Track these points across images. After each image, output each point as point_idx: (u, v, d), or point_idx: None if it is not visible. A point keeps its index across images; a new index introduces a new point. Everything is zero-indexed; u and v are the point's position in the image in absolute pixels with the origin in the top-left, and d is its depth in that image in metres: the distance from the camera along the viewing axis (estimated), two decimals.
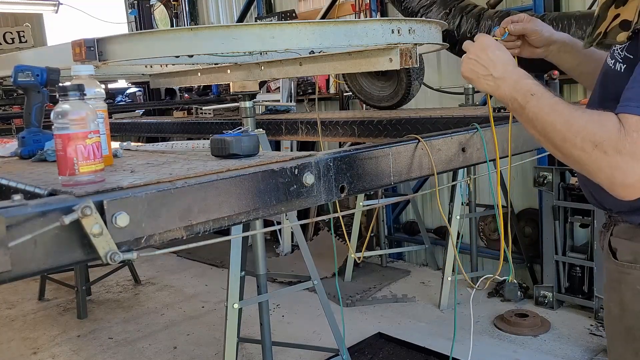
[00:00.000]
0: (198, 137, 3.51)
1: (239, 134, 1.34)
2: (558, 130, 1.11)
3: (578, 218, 3.71)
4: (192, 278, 5.08)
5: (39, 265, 0.86)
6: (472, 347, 3.41)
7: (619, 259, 1.30)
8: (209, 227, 1.07)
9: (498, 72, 1.25)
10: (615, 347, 1.37)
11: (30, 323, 4.27)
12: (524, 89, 1.19)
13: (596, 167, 1.06)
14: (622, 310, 1.31)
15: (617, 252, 1.31)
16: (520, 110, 1.19)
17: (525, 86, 1.20)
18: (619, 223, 1.31)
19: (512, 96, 1.21)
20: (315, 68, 1.95)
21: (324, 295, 2.98)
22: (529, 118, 1.17)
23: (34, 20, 8.11)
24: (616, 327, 1.34)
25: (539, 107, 1.15)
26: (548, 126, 1.13)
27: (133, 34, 1.45)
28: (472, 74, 1.29)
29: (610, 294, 1.35)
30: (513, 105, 1.21)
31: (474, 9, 3.80)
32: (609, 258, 1.33)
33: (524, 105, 1.18)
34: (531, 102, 1.17)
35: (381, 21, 1.50)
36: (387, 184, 1.44)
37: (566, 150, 1.10)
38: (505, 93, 1.23)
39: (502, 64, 1.27)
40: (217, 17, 6.99)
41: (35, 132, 1.70)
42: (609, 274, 1.35)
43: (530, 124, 1.18)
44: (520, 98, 1.19)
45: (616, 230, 1.31)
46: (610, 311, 1.36)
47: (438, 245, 4.87)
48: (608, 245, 1.34)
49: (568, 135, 1.09)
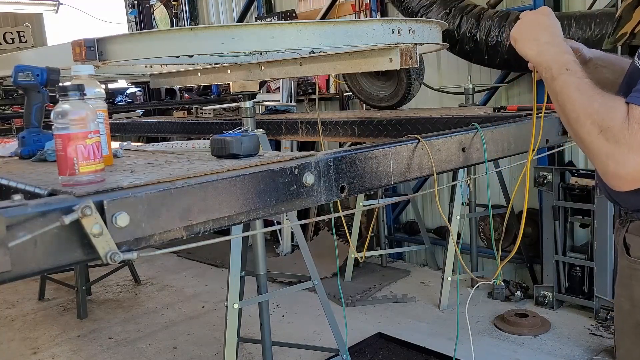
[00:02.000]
0: (198, 137, 3.51)
1: (239, 134, 1.34)
2: (575, 110, 1.15)
3: (578, 218, 3.71)
4: (192, 278, 5.08)
5: (39, 265, 0.86)
6: (473, 347, 3.41)
7: (631, 255, 1.32)
8: (209, 227, 1.06)
9: (546, 38, 1.28)
10: (624, 342, 1.38)
11: (30, 323, 4.27)
12: (562, 61, 1.22)
13: (596, 152, 1.10)
14: (632, 305, 1.33)
15: (630, 248, 1.33)
16: (551, 80, 1.22)
17: (564, 59, 1.23)
18: (634, 220, 1.33)
19: (549, 65, 1.23)
20: (315, 68, 1.95)
21: (324, 295, 2.98)
22: (555, 91, 1.21)
23: (34, 20, 8.11)
24: (626, 322, 1.36)
25: (568, 82, 1.18)
26: (568, 103, 1.17)
27: (133, 34, 1.45)
28: (521, 34, 1.31)
29: (621, 290, 1.37)
30: (546, 73, 1.24)
31: (474, 9, 3.80)
32: (623, 254, 1.35)
33: (556, 76, 1.21)
34: (563, 75, 1.20)
35: (381, 21, 1.50)
36: (387, 184, 1.44)
37: (576, 130, 1.14)
38: (544, 60, 1.25)
39: (554, 33, 1.29)
40: (217, 17, 6.99)
41: (35, 132, 1.70)
42: (622, 270, 1.37)
43: (555, 96, 1.22)
44: (555, 69, 1.22)
45: (631, 228, 1.33)
46: (620, 306, 1.38)
47: (438, 245, 4.87)
48: (623, 241, 1.36)
49: (581, 116, 1.12)
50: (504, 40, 3.60)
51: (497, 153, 1.76)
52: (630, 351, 1.35)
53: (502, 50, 3.62)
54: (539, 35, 1.28)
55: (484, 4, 3.93)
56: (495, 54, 3.67)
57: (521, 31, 1.32)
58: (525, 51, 1.30)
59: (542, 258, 3.84)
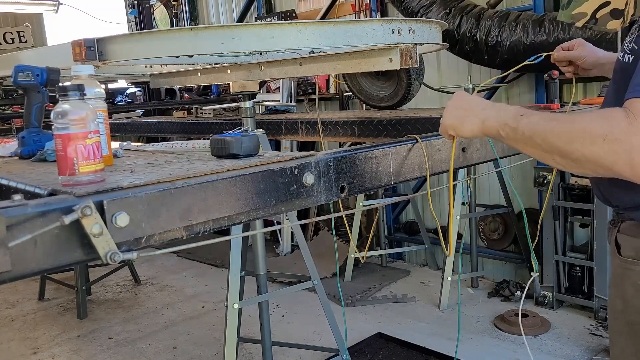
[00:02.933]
0: (198, 137, 3.51)
1: (239, 134, 1.34)
2: (561, 135, 1.06)
3: (578, 218, 3.71)
4: (192, 278, 5.09)
5: (39, 265, 0.86)
6: (472, 347, 3.41)
7: (622, 254, 1.33)
8: (209, 227, 1.07)
9: (479, 108, 1.23)
10: (618, 341, 1.39)
11: (30, 323, 4.27)
12: (511, 113, 1.17)
13: (612, 156, 1.01)
14: (624, 305, 1.33)
15: (621, 248, 1.33)
16: (514, 133, 1.15)
17: (511, 111, 1.18)
18: (625, 220, 1.33)
19: (502, 122, 1.17)
20: (315, 68, 1.95)
21: (324, 295, 2.98)
22: (525, 136, 1.13)
23: (34, 20, 8.11)
24: (619, 322, 1.36)
25: (533, 122, 1.12)
26: (549, 134, 1.08)
27: (133, 34, 1.45)
28: (456, 120, 1.26)
29: (614, 289, 1.38)
30: (505, 130, 1.17)
31: (474, 9, 3.80)
32: (615, 254, 1.35)
33: (516, 126, 1.14)
34: (522, 120, 1.13)
35: (381, 21, 1.50)
36: (387, 184, 1.44)
37: (576, 152, 1.05)
38: (493, 123, 1.20)
39: (482, 103, 1.26)
40: (217, 17, 6.99)
41: (35, 132, 1.70)
42: (614, 270, 1.37)
43: (529, 142, 1.13)
44: (510, 121, 1.15)
45: (623, 227, 1.33)
46: (614, 306, 1.38)
47: (438, 245, 4.87)
48: (615, 241, 1.36)
49: (574, 135, 1.04)
50: (504, 40, 3.60)
51: (497, 153, 1.76)
52: (624, 350, 1.36)
53: (502, 50, 3.62)
54: (472, 111, 1.24)
55: (484, 4, 3.93)
56: (495, 53, 3.67)
57: (453, 117, 1.27)
58: (470, 130, 1.24)
59: (542, 258, 3.84)
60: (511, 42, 3.56)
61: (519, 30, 3.51)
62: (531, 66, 1.40)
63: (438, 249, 4.88)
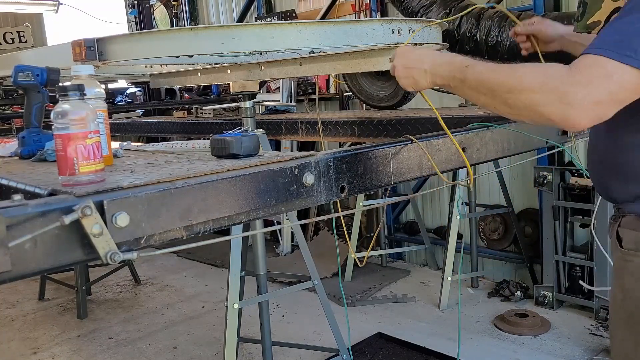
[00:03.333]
0: (198, 137, 3.51)
1: (239, 134, 1.34)
2: (503, 83, 1.14)
3: (578, 218, 3.71)
4: (192, 278, 5.08)
5: (39, 265, 0.86)
6: (472, 347, 3.41)
7: (624, 246, 1.35)
8: (209, 227, 1.07)
9: (428, 64, 1.30)
10: (617, 333, 1.40)
11: (30, 323, 4.27)
12: (457, 64, 1.24)
13: (545, 104, 1.07)
14: (624, 296, 1.35)
15: (622, 241, 1.36)
16: (461, 84, 1.23)
17: (457, 62, 1.25)
18: (626, 215, 1.35)
19: (450, 75, 1.25)
20: (315, 68, 1.95)
21: (324, 295, 2.98)
22: (472, 86, 1.21)
23: (34, 20, 8.10)
24: (618, 313, 1.38)
25: (478, 71, 1.19)
26: (493, 83, 1.16)
27: (133, 34, 1.45)
28: (409, 80, 1.32)
29: (615, 281, 1.40)
30: (454, 82, 1.24)
31: (474, 9, 3.79)
32: (616, 247, 1.38)
33: (464, 77, 1.21)
34: (468, 71, 1.21)
35: (381, 21, 1.51)
36: (387, 184, 1.44)
37: (515, 100, 1.12)
38: (442, 76, 1.27)
39: (428, 56, 1.32)
40: (217, 17, 6.99)
41: (35, 132, 1.70)
42: (615, 262, 1.40)
43: (474, 91, 1.21)
44: (457, 73, 1.23)
45: (624, 222, 1.36)
46: (614, 298, 1.40)
47: (438, 245, 4.87)
48: (616, 235, 1.38)
49: (513, 83, 1.12)
50: (504, 40, 3.60)
51: (497, 153, 1.76)
52: (624, 341, 1.38)
53: (502, 50, 3.62)
54: (421, 66, 1.30)
55: (484, 3, 3.93)
56: (495, 54, 3.67)
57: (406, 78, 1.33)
58: (424, 86, 1.31)
59: (542, 258, 3.84)
60: (511, 42, 3.55)
61: None
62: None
63: (438, 249, 4.87)
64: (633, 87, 1.06)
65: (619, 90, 1.05)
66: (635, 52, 1.05)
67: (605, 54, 1.06)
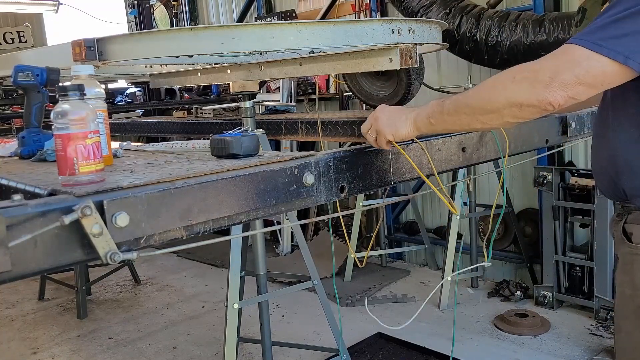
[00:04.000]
0: (198, 137, 3.50)
1: (239, 134, 1.34)
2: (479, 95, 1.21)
3: (578, 218, 3.71)
4: (192, 278, 5.08)
5: (39, 265, 0.86)
6: (472, 347, 3.41)
7: (633, 241, 1.36)
8: (209, 227, 1.07)
9: (406, 112, 1.34)
10: (625, 325, 1.42)
11: (30, 323, 4.27)
12: (434, 103, 1.29)
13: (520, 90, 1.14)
14: (633, 290, 1.37)
15: (631, 236, 1.37)
16: (441, 115, 1.27)
17: (433, 103, 1.30)
18: (632, 212, 1.37)
19: (429, 112, 1.29)
20: (315, 68, 1.95)
21: (323, 295, 2.98)
22: (451, 113, 1.25)
23: (34, 20, 8.10)
24: (627, 307, 1.40)
25: (454, 99, 1.25)
26: (470, 100, 1.22)
27: (133, 34, 1.45)
28: (391, 127, 1.33)
29: (622, 277, 1.41)
30: (434, 117, 1.28)
31: (474, 9, 3.80)
32: (623, 242, 1.39)
33: (442, 109, 1.26)
34: (445, 102, 1.26)
35: (381, 21, 1.50)
36: (387, 184, 1.44)
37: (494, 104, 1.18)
38: (422, 118, 1.30)
39: (405, 109, 1.37)
40: (217, 17, 6.99)
41: (35, 132, 1.70)
42: (622, 257, 1.41)
43: (454, 116, 1.25)
44: (435, 108, 1.28)
45: (630, 218, 1.37)
46: (622, 292, 1.42)
47: (438, 245, 4.87)
48: (622, 231, 1.39)
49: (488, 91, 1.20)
50: (503, 40, 3.60)
51: (497, 153, 1.76)
52: (631, 334, 1.39)
53: (502, 50, 3.62)
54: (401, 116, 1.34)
55: (484, 4, 3.93)
56: (495, 53, 3.67)
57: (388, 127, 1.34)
58: (405, 131, 1.33)
59: (542, 258, 3.84)
60: (511, 42, 3.56)
61: (519, 30, 3.51)
62: None
63: (438, 249, 4.87)
64: (601, 73, 1.12)
65: (586, 75, 1.11)
66: (605, 42, 1.11)
67: (578, 42, 1.13)
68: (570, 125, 2.03)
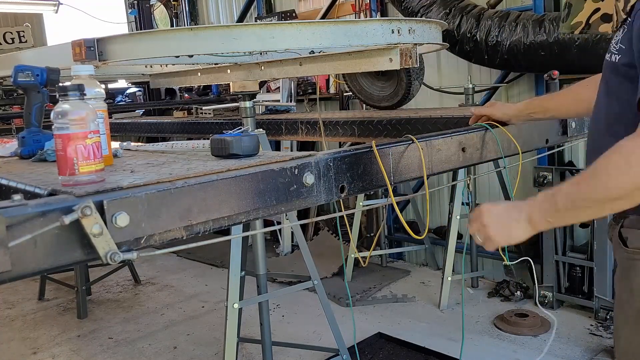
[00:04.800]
0: (198, 137, 3.51)
1: (239, 134, 1.34)
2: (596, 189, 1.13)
3: None
4: (192, 278, 5.08)
5: (39, 265, 0.86)
6: (472, 347, 3.41)
7: (629, 246, 1.35)
8: (209, 227, 1.07)
9: (514, 213, 1.26)
10: (624, 331, 1.40)
11: (30, 323, 4.27)
12: (541, 201, 1.22)
13: None
14: (631, 295, 1.35)
15: (627, 240, 1.36)
16: (558, 213, 1.20)
17: (539, 200, 1.23)
18: (628, 216, 1.35)
19: (543, 212, 1.22)
20: (315, 68, 1.95)
21: (324, 295, 2.98)
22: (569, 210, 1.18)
23: (34, 20, 8.11)
24: (626, 312, 1.38)
25: (565, 195, 1.18)
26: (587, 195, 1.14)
27: (133, 34, 1.45)
28: (503, 233, 1.28)
29: (620, 282, 1.40)
30: (552, 217, 1.21)
31: (474, 9, 3.80)
32: (620, 247, 1.38)
33: (556, 208, 1.19)
34: (556, 198, 1.19)
35: (381, 21, 1.51)
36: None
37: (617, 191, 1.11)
38: (538, 218, 1.23)
39: (510, 208, 1.28)
40: (217, 17, 6.99)
41: (35, 132, 1.70)
42: (620, 263, 1.40)
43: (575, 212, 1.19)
44: (548, 207, 1.21)
45: (627, 222, 1.36)
46: (620, 298, 1.41)
47: (438, 245, 4.87)
48: (618, 235, 1.38)
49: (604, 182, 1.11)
50: (503, 40, 3.60)
51: (497, 153, 1.76)
52: (631, 340, 1.38)
53: (502, 50, 3.62)
54: (510, 218, 1.27)
55: (484, 4, 3.93)
56: (495, 53, 3.67)
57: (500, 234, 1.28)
58: (521, 235, 1.27)
59: (542, 258, 3.84)
60: (511, 42, 3.56)
61: (519, 30, 3.51)
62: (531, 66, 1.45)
63: (438, 249, 4.87)
64: None
65: None
66: None
67: None
68: (570, 125, 2.03)
